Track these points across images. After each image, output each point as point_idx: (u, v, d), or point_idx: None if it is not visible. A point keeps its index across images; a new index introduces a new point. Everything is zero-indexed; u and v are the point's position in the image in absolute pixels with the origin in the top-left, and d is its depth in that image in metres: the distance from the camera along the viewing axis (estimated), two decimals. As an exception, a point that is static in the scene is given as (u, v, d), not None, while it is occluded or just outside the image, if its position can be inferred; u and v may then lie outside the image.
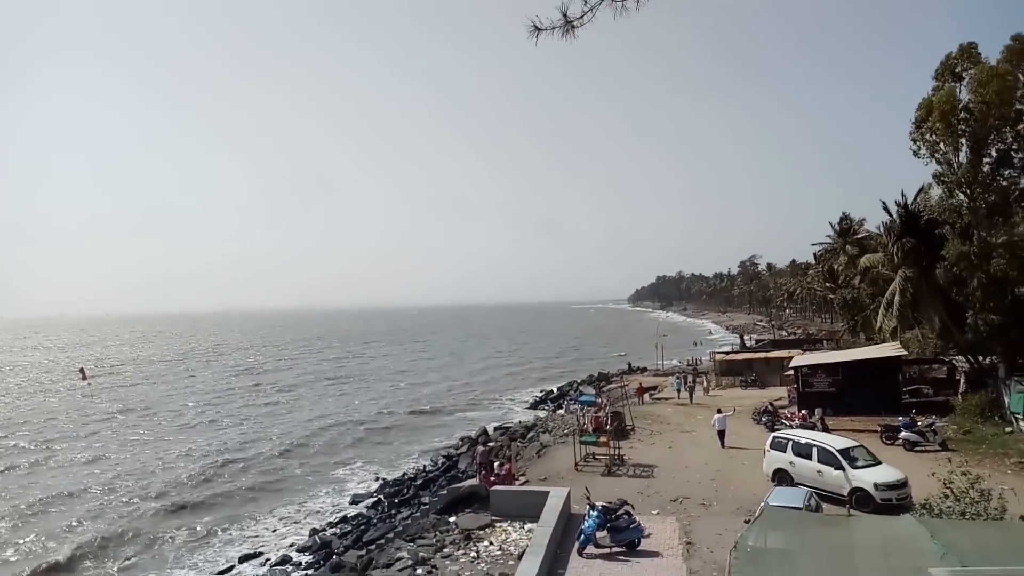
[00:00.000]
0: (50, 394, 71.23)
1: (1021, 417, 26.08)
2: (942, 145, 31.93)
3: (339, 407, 58.74)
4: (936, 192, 33.99)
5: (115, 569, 24.15)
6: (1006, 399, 27.82)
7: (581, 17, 6.86)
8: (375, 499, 30.48)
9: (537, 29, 6.87)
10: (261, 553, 24.60)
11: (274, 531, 27.46)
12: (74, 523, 28.81)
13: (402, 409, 56.67)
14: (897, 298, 33.28)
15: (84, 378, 47.36)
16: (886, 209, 34.46)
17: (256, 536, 26.88)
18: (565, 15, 6.80)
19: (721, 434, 27.99)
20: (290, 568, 22.58)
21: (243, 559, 24.11)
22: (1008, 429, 26.19)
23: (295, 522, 28.50)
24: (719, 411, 29.60)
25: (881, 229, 39.94)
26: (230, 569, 23.35)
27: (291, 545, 25.25)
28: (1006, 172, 30.97)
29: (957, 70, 31.33)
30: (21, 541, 26.95)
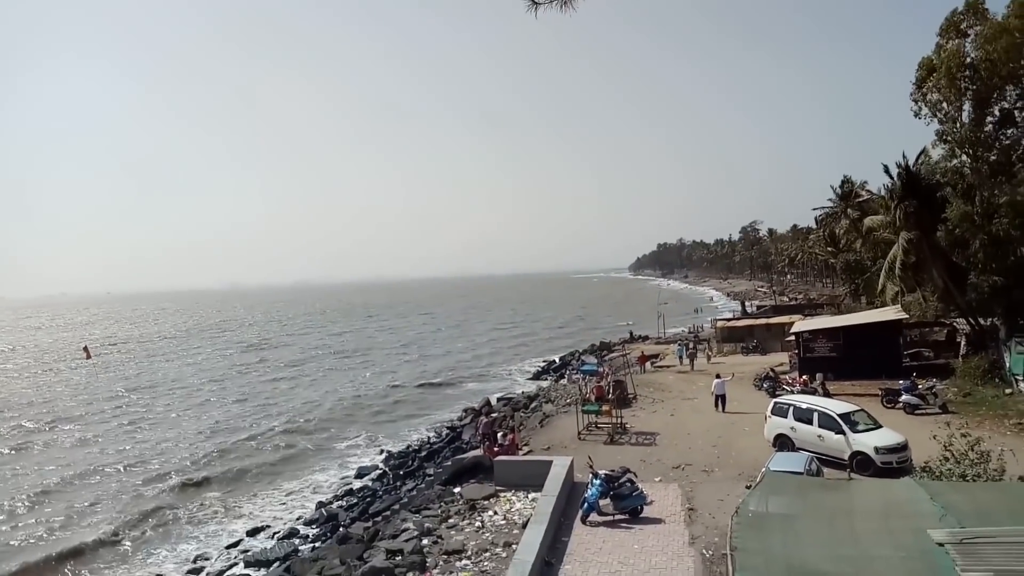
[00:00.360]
0: (56, 374, 71.69)
1: (1021, 378, 26.18)
2: (945, 104, 31.52)
3: (344, 382, 59.11)
4: (938, 152, 33.68)
5: (126, 546, 24.46)
6: (1007, 361, 27.89)
7: None
8: (380, 472, 30.78)
9: (535, 3, 6.76)
10: (268, 527, 24.92)
11: (281, 505, 27.79)
12: (84, 502, 29.15)
13: (406, 382, 57.02)
14: (899, 260, 33.21)
15: (88, 356, 47.34)
16: (887, 172, 34.23)
17: (263, 510, 27.20)
18: None
19: (720, 399, 28.32)
20: (297, 541, 22.89)
21: (251, 533, 24.43)
22: (1008, 391, 26.28)
23: (302, 496, 28.83)
24: (718, 376, 29.87)
25: (883, 192, 39.73)
26: (238, 543, 23.66)
27: (298, 518, 25.58)
28: (1009, 131, 30.62)
29: (963, 26, 30.75)
30: (34, 520, 27.30)
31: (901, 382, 26.80)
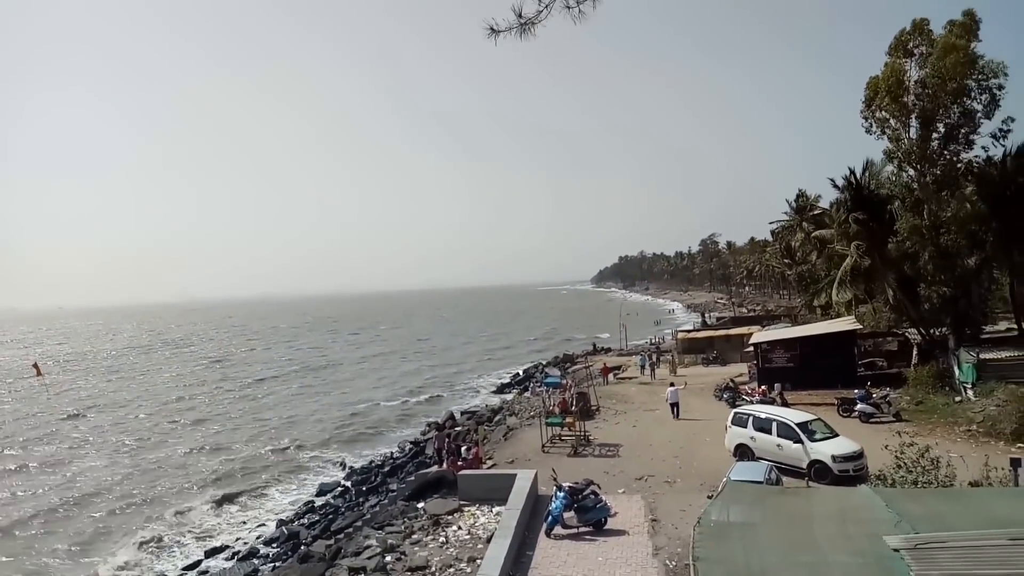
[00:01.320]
0: (6, 395, 69.13)
1: (970, 387, 26.91)
2: (892, 121, 32.48)
3: (306, 398, 58.27)
4: (888, 168, 34.64)
5: (79, 570, 23.63)
6: (956, 370, 28.69)
7: (537, 14, 6.91)
8: (342, 488, 30.35)
9: (494, 31, 6.88)
10: (228, 547, 24.32)
11: (241, 524, 27.16)
12: (33, 522, 28.15)
13: (369, 398, 56.38)
14: (850, 271, 34.04)
15: (39, 374, 45.41)
16: (835, 186, 35.16)
17: (222, 530, 26.56)
18: (519, 15, 6.83)
19: (674, 406, 29.13)
20: (257, 561, 22.36)
21: (209, 553, 23.83)
22: (958, 398, 26.99)
23: (262, 514, 28.24)
24: (671, 385, 30.98)
25: (834, 205, 40.74)
26: (196, 564, 23.05)
27: (258, 538, 25.02)
28: (952, 147, 31.66)
29: (909, 46, 31.77)
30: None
31: (856, 391, 27.36)
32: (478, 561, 14.40)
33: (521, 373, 63.14)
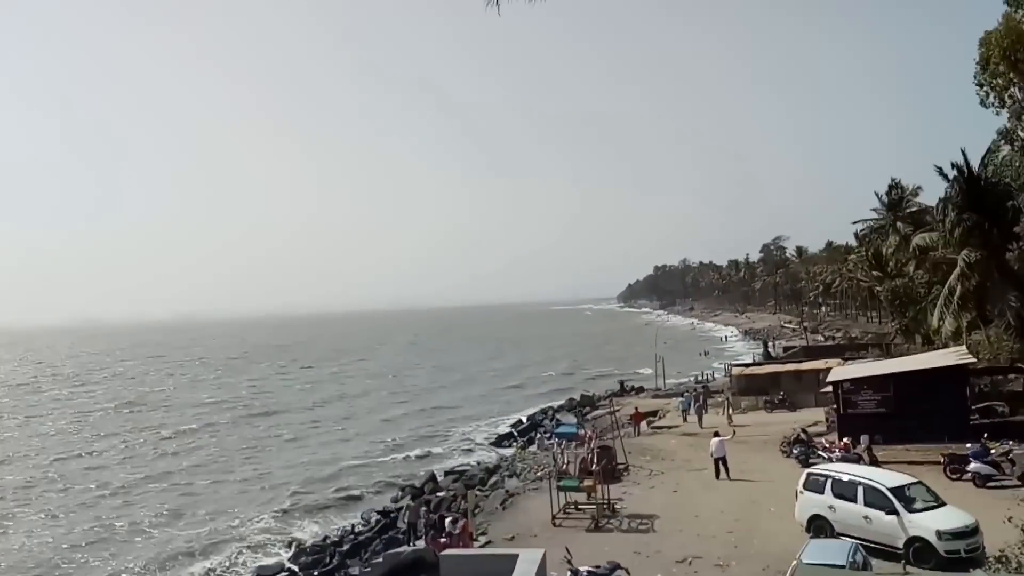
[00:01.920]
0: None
1: (1124, 440, 26.72)
2: (1015, 91, 32.37)
3: (243, 455, 58.03)
4: (1007, 151, 34.58)
5: None
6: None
7: None
8: (288, 572, 30.25)
9: None
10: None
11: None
12: None
13: (326, 454, 56.35)
14: (958, 289, 33.85)
15: None
16: (943, 175, 35.03)
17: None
18: None
19: (721, 462, 29.46)
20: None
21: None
22: (1107, 456, 26.80)
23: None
24: (716, 434, 31.29)
25: (940, 201, 40.68)
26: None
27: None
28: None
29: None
30: None
31: (969, 446, 27.19)
32: (466, 672, 14.24)
33: (525, 420, 63.05)
